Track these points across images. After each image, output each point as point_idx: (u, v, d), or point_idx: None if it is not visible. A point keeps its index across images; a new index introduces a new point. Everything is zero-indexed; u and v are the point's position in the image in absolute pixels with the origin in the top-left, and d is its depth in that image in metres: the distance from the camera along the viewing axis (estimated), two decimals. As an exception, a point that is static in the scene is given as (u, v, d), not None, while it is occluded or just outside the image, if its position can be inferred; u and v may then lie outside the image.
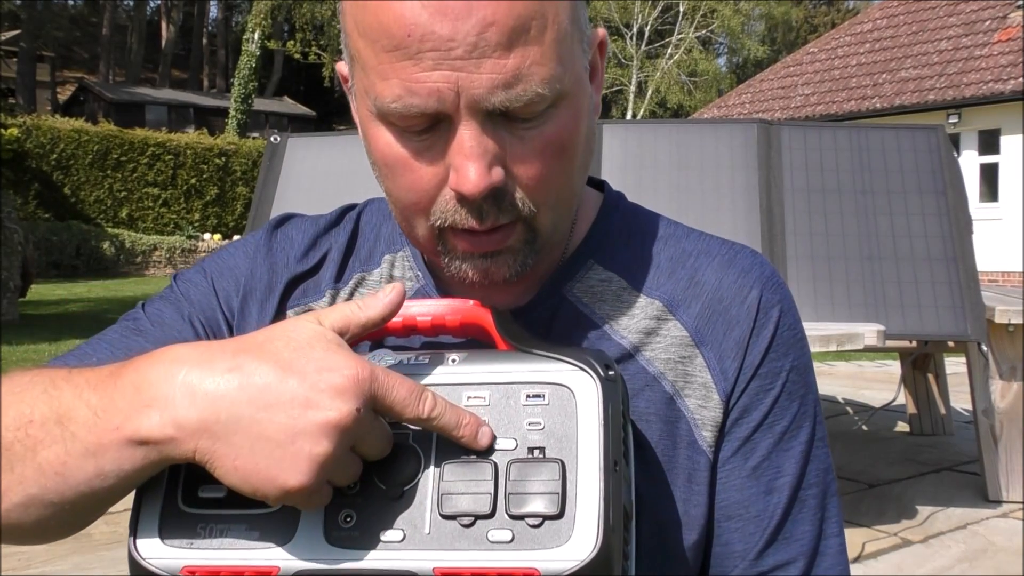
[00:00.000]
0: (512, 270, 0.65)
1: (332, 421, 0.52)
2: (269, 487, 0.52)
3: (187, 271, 0.79)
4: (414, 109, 0.58)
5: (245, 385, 0.53)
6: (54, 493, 0.55)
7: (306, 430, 0.52)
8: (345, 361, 0.54)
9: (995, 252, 11.62)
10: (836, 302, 3.47)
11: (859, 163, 3.74)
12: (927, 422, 5.10)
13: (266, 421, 0.52)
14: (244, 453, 0.52)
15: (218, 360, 0.54)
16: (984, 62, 13.21)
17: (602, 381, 0.58)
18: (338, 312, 0.59)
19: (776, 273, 0.75)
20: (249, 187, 20.67)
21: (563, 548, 0.53)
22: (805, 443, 0.72)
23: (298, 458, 0.52)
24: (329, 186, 3.91)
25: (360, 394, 0.53)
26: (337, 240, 0.78)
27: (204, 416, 0.53)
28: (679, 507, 0.70)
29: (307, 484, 0.52)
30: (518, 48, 0.58)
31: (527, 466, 0.55)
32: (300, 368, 0.53)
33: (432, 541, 0.55)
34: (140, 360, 0.56)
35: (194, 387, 0.53)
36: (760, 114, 15.26)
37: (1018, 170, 12.41)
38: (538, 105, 0.60)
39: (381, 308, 0.60)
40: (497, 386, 0.59)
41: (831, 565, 0.72)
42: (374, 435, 0.55)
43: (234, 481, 0.53)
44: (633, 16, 26.38)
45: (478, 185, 0.59)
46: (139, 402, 0.54)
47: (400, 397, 0.55)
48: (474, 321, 0.65)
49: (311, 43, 26.47)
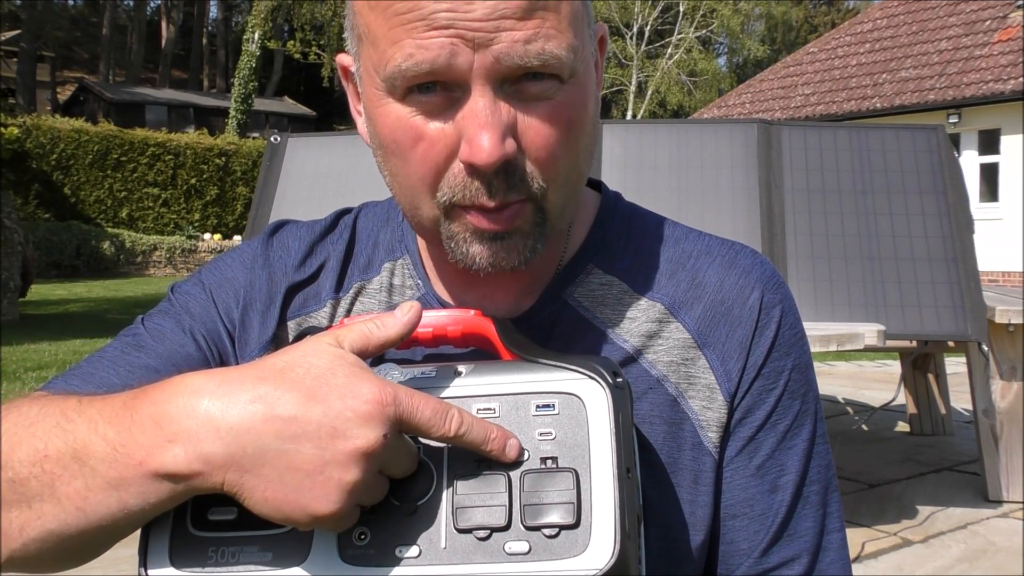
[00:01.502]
0: (521, 256, 0.64)
1: (361, 449, 0.52)
2: (300, 515, 0.52)
3: (184, 283, 0.78)
4: (424, 65, 0.58)
5: (270, 417, 0.52)
6: (74, 528, 0.55)
7: (335, 460, 0.52)
8: (369, 387, 0.53)
9: (995, 252, 11.62)
10: (836, 302, 3.47)
11: (859, 163, 3.73)
12: (927, 422, 5.10)
13: (294, 452, 0.52)
14: (273, 484, 0.52)
15: (239, 391, 0.53)
16: (984, 62, 13.21)
17: (611, 388, 0.57)
18: (356, 332, 0.58)
19: (776, 273, 0.75)
20: (249, 187, 20.67)
21: (581, 557, 0.53)
22: (807, 441, 0.72)
23: (328, 487, 0.52)
24: (329, 186, 3.91)
25: (386, 419, 0.53)
26: (335, 248, 0.77)
27: (231, 450, 0.52)
28: (686, 509, 0.70)
29: (338, 511, 0.52)
30: (537, 14, 0.58)
31: (541, 477, 0.55)
32: (324, 396, 0.53)
33: (449, 555, 0.54)
34: (154, 391, 0.55)
35: (217, 420, 0.53)
36: (760, 114, 15.26)
37: (1018, 170, 12.41)
38: (555, 67, 0.59)
39: (400, 327, 0.59)
40: (506, 397, 0.58)
41: (833, 560, 0.73)
42: (400, 455, 0.55)
43: (265, 511, 0.53)
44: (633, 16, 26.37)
45: (492, 155, 0.58)
46: (161, 436, 0.53)
47: (426, 418, 0.54)
48: (476, 331, 0.65)
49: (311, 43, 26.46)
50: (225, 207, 21.16)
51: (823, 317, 3.43)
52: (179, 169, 20.41)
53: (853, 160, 3.74)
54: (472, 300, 0.72)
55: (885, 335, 3.22)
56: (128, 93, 32.07)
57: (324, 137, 4.31)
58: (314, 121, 34.18)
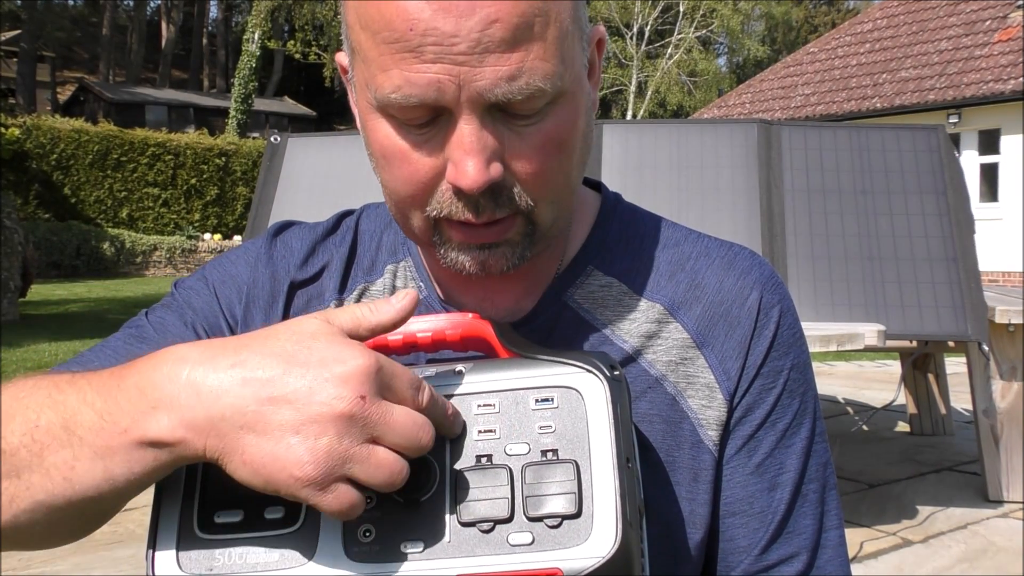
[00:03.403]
0: (510, 262, 0.65)
1: (337, 410, 0.51)
2: (280, 477, 0.52)
3: (188, 279, 0.79)
4: (413, 99, 0.58)
5: (249, 379, 0.53)
6: (62, 498, 0.55)
7: (312, 420, 0.51)
8: (350, 351, 0.53)
9: (995, 252, 11.62)
10: (836, 302, 3.47)
11: (859, 163, 3.74)
12: (927, 422, 5.10)
13: (271, 414, 0.52)
14: (252, 447, 0.52)
15: (221, 356, 0.54)
16: (984, 62, 13.21)
17: (609, 381, 0.58)
18: (348, 313, 0.58)
19: (775, 273, 0.76)
20: (249, 187, 20.67)
21: (584, 546, 0.54)
22: (806, 439, 0.73)
23: (305, 448, 0.51)
24: (329, 186, 3.91)
25: (365, 381, 0.52)
26: (337, 249, 0.78)
27: (211, 414, 0.52)
28: (685, 506, 0.71)
29: (315, 474, 0.51)
30: (521, 45, 0.58)
31: (542, 468, 0.56)
32: (303, 360, 0.53)
33: (453, 549, 0.55)
34: (142, 362, 0.56)
35: (199, 385, 0.53)
36: (760, 114, 15.26)
37: (1018, 170, 12.41)
38: (538, 100, 0.60)
39: (393, 313, 0.59)
40: (506, 393, 0.59)
41: (831, 557, 0.74)
42: (395, 423, 0.53)
43: (245, 476, 0.53)
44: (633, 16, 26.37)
45: (476, 180, 0.59)
46: (145, 404, 0.54)
47: (403, 387, 0.54)
48: (475, 334, 0.65)
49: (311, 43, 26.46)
50: (225, 207, 21.16)
51: (823, 317, 3.43)
52: (179, 169, 20.41)
53: (853, 160, 3.74)
54: (472, 302, 0.73)
55: (885, 335, 3.22)
56: (128, 93, 32.07)
57: (324, 137, 4.31)
58: (314, 121, 34.18)
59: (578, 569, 0.53)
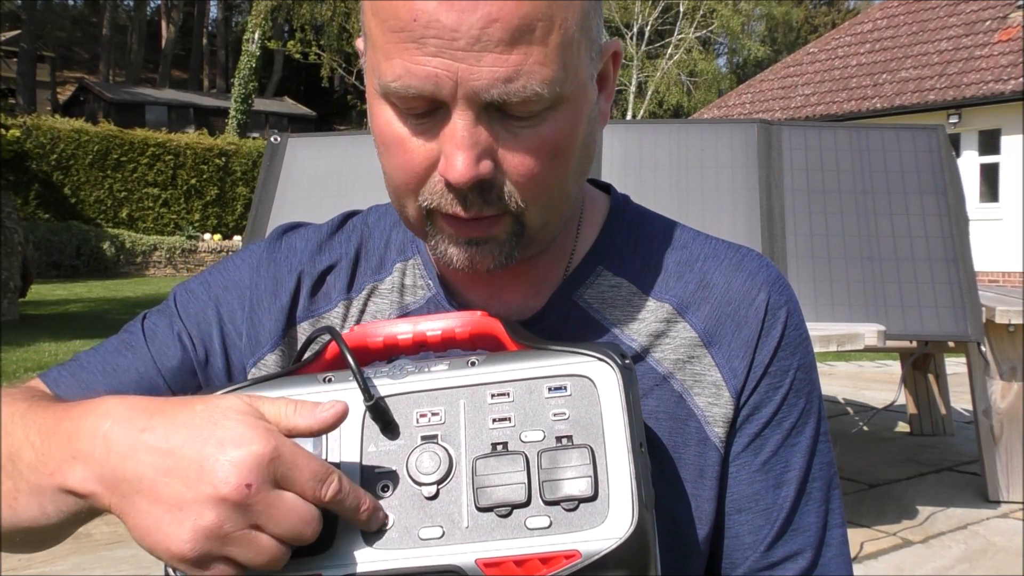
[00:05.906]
0: (497, 261, 0.66)
1: (221, 494, 0.51)
2: (157, 549, 0.53)
3: (189, 282, 0.79)
4: (412, 90, 0.59)
5: (152, 448, 0.54)
6: (8, 524, 0.59)
7: (195, 499, 0.52)
8: (252, 435, 0.53)
9: (995, 252, 11.62)
10: (836, 302, 3.47)
11: (859, 163, 3.74)
12: (927, 422, 5.10)
13: (163, 485, 0.53)
14: (142, 514, 0.53)
15: (137, 418, 0.55)
16: (984, 62, 13.21)
17: (620, 368, 0.59)
18: (273, 404, 0.57)
19: (782, 276, 0.78)
20: (249, 187, 20.68)
21: (601, 528, 0.55)
22: (810, 438, 0.75)
23: (183, 526, 0.52)
24: (329, 186, 3.91)
25: (255, 469, 0.52)
26: (344, 248, 0.79)
27: (115, 474, 0.54)
28: (691, 503, 0.72)
29: (188, 553, 0.52)
30: (521, 47, 0.58)
31: (558, 453, 0.57)
32: (205, 437, 0.53)
33: (471, 534, 0.56)
34: (79, 407, 0.58)
35: (111, 443, 0.55)
36: (760, 114, 15.26)
37: (1018, 170, 12.40)
38: (535, 104, 0.60)
39: (312, 423, 0.56)
40: (520, 382, 0.60)
41: (835, 555, 0.75)
42: (280, 515, 0.52)
43: (136, 538, 0.54)
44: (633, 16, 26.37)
45: (464, 175, 0.60)
46: (68, 452, 0.56)
47: (304, 478, 0.53)
48: (485, 331, 0.66)
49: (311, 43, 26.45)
50: (225, 207, 21.16)
51: (823, 317, 3.43)
52: (179, 169, 20.41)
53: (853, 160, 3.74)
54: (480, 300, 0.74)
55: (885, 335, 3.22)
56: (128, 93, 32.08)
57: (324, 137, 4.30)
58: (314, 121, 34.18)
59: (596, 550, 0.54)
